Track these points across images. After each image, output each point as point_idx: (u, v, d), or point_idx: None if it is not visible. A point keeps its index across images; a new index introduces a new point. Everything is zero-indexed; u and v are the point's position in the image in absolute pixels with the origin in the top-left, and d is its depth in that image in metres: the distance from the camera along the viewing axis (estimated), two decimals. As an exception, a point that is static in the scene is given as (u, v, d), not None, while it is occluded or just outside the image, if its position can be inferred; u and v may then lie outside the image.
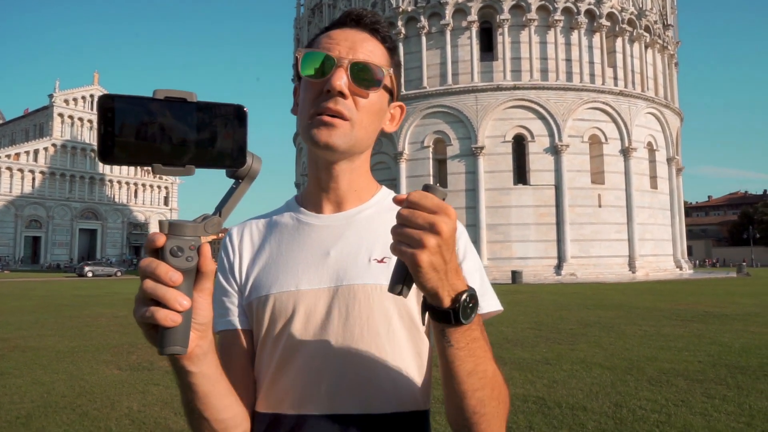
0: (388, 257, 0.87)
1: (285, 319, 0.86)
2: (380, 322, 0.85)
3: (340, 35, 0.88)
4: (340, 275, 0.86)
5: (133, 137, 0.54)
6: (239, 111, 0.58)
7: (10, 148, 65.91)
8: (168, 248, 0.58)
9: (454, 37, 30.69)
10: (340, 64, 0.83)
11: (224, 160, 0.58)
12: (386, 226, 0.89)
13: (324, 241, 0.90)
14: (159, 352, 0.59)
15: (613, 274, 28.80)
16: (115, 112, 0.53)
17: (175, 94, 0.56)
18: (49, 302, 16.73)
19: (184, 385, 0.71)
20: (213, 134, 0.57)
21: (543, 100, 29.54)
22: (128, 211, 74.45)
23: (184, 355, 0.65)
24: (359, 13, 0.90)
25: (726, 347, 7.80)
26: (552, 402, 5.02)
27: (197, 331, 0.65)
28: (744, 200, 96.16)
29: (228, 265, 0.93)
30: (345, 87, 0.83)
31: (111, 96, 0.54)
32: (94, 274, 40.78)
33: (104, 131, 0.53)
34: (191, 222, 0.60)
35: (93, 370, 6.63)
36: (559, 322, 10.81)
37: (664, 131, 33.67)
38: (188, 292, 0.60)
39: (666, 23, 36.51)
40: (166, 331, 0.59)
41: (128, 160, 0.54)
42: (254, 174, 0.63)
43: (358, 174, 0.93)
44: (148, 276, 0.58)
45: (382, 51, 0.89)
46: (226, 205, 0.63)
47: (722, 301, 15.59)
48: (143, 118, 0.54)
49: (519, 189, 29.38)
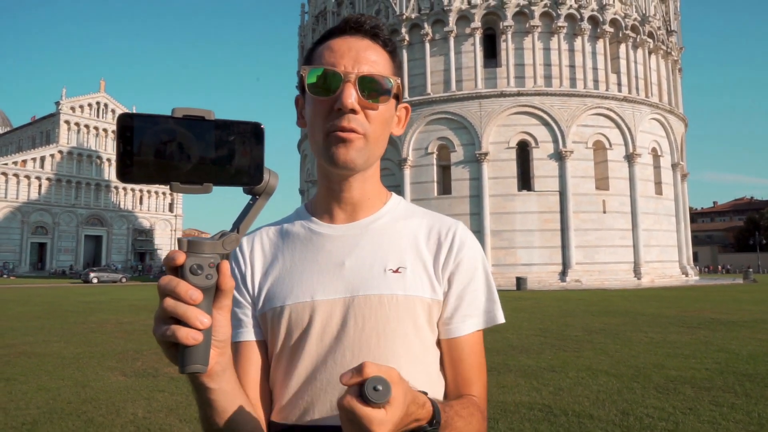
0: (403, 267, 0.87)
1: (301, 330, 0.85)
2: (396, 332, 0.84)
3: (343, 46, 0.86)
4: (355, 285, 0.86)
5: (151, 156, 0.54)
6: (256, 129, 0.59)
7: (17, 155, 66.30)
8: (188, 266, 0.58)
9: (457, 43, 30.78)
10: (347, 79, 0.82)
11: (242, 178, 0.58)
12: (400, 235, 0.91)
13: (338, 252, 0.89)
14: (180, 371, 0.59)
15: (618, 281, 28.68)
16: (134, 131, 0.53)
17: (194, 113, 0.56)
18: (55, 308, 16.78)
19: (203, 401, 0.71)
20: (231, 152, 0.57)
21: (547, 106, 29.54)
22: (133, 217, 74.70)
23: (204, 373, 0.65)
24: (358, 20, 0.89)
25: (733, 354, 7.75)
26: (558, 410, 4.99)
27: (217, 348, 0.65)
28: (750, 206, 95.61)
29: (240, 275, 0.92)
30: (356, 103, 0.82)
31: (130, 115, 0.54)
32: (100, 281, 40.88)
33: (123, 150, 0.53)
34: (209, 239, 0.60)
35: (98, 377, 6.64)
36: (564, 329, 10.75)
37: (669, 137, 33.60)
38: (208, 309, 0.60)
39: (669, 29, 36.51)
40: (186, 349, 0.58)
41: (147, 178, 0.54)
42: (271, 190, 0.63)
43: (370, 183, 0.93)
44: (168, 294, 0.58)
45: (385, 57, 0.89)
46: (243, 222, 0.63)
47: (729, 307, 15.48)
48: (162, 136, 0.54)
49: (523, 195, 29.34)
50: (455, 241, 0.91)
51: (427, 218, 0.94)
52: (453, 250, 0.90)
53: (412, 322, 0.85)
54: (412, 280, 0.87)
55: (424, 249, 0.90)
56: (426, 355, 0.87)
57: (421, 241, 0.91)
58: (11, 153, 70.62)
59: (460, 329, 0.88)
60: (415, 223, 0.93)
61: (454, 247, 0.90)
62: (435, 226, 0.93)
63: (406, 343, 0.85)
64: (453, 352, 0.89)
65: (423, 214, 0.95)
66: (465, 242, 0.91)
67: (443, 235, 0.91)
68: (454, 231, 0.92)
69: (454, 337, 0.88)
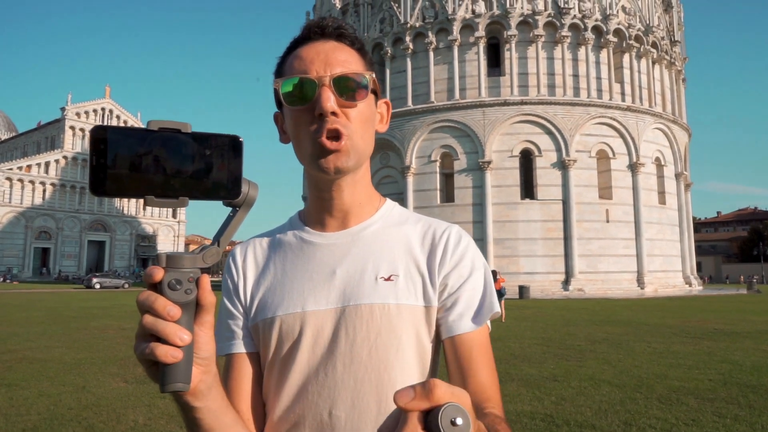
0: (395, 275, 0.85)
1: (291, 342, 0.84)
2: (389, 343, 0.82)
3: (310, 52, 0.85)
4: (346, 295, 0.84)
5: (125, 169, 0.52)
6: (234, 141, 0.58)
7: (22, 160, 66.70)
8: (166, 282, 0.57)
9: (461, 52, 30.92)
10: (322, 83, 0.81)
11: (219, 191, 0.57)
12: (393, 242, 0.88)
13: (329, 260, 0.87)
14: (161, 390, 0.57)
15: (622, 290, 28.57)
16: (107, 144, 0.52)
17: (170, 125, 0.54)
18: (57, 314, 16.79)
19: (189, 420, 0.69)
20: (208, 165, 0.56)
21: (550, 115, 29.59)
22: (137, 223, 74.91)
23: (188, 392, 0.63)
24: (320, 23, 0.87)
25: (737, 365, 7.70)
26: (560, 420, 4.96)
27: (200, 365, 0.63)
28: (754, 216, 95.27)
29: (233, 286, 0.91)
30: (335, 105, 0.80)
31: (104, 127, 0.52)
32: (102, 286, 40.86)
33: (96, 163, 0.52)
34: (189, 253, 0.59)
35: (99, 383, 6.63)
36: (566, 338, 10.71)
37: (672, 147, 33.58)
38: (188, 326, 0.58)
39: (673, 39, 36.61)
40: (167, 367, 0.56)
41: (120, 192, 0.53)
42: (251, 201, 0.62)
43: (360, 186, 0.90)
44: (147, 310, 0.57)
45: (355, 55, 0.87)
46: (224, 235, 0.62)
47: (732, 318, 15.40)
48: (136, 149, 0.53)
49: (526, 204, 29.33)
50: (450, 241, 0.89)
51: (422, 223, 0.93)
52: (449, 250, 0.88)
53: (405, 332, 0.83)
54: (404, 287, 0.85)
55: (418, 253, 0.88)
56: (422, 367, 0.85)
57: (415, 245, 0.89)
58: (16, 158, 71.10)
59: (462, 326, 0.84)
60: (409, 229, 0.91)
61: (450, 247, 0.88)
62: (429, 230, 0.91)
63: (399, 354, 0.83)
64: (458, 351, 0.84)
65: (417, 219, 0.94)
66: (461, 241, 0.89)
67: (437, 237, 0.89)
68: (449, 232, 0.90)
69: (457, 334, 0.84)
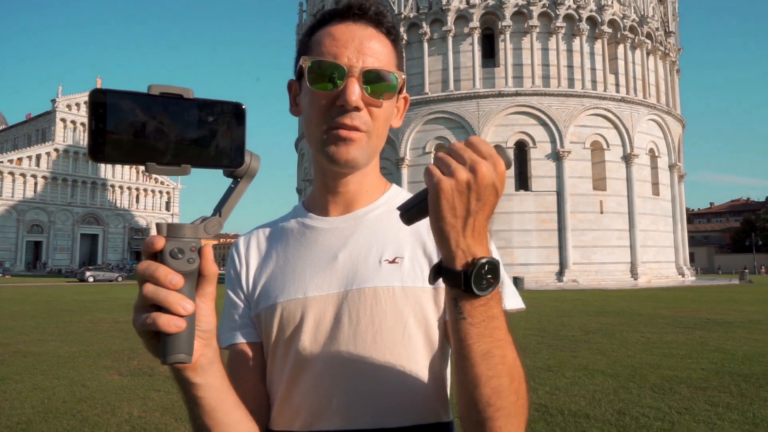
0: (400, 257, 0.82)
1: (293, 329, 0.81)
2: (394, 327, 0.79)
3: (345, 33, 0.81)
4: (349, 279, 0.81)
5: (126, 134, 0.50)
6: (238, 109, 0.56)
7: (13, 153, 66.13)
8: (168, 250, 0.54)
9: (456, 43, 30.79)
10: (351, 74, 0.77)
11: (222, 160, 0.55)
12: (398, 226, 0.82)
13: (331, 245, 0.85)
14: (162, 362, 0.55)
15: (615, 281, 28.73)
16: (107, 108, 0.50)
17: (172, 90, 0.53)
18: (50, 307, 16.72)
19: (190, 399, 0.65)
20: (211, 133, 0.54)
21: (545, 106, 29.58)
22: (130, 216, 74.58)
23: (189, 366, 0.61)
24: (362, 5, 0.83)
25: (729, 355, 7.76)
26: (554, 409, 4.99)
27: (201, 339, 0.60)
28: (746, 207, 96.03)
29: (235, 276, 0.89)
30: (360, 100, 0.77)
31: (103, 91, 0.50)
32: (95, 279, 40.78)
33: (95, 127, 0.50)
34: (191, 223, 0.57)
35: (94, 376, 6.61)
36: (560, 329, 10.76)
37: (666, 138, 33.68)
38: (190, 296, 0.56)
39: (667, 30, 36.60)
40: (168, 338, 0.54)
41: (120, 158, 0.51)
42: (253, 173, 0.60)
43: (369, 177, 0.88)
44: (147, 279, 0.54)
45: (389, 47, 0.83)
46: (225, 205, 0.60)
47: (725, 308, 15.53)
48: (137, 114, 0.51)
49: (521, 195, 29.37)
50: None
51: None
52: None
53: (412, 315, 0.80)
54: (410, 269, 0.82)
55: (424, 234, 0.84)
56: (431, 351, 0.81)
57: (421, 227, 0.83)
58: (7, 151, 70.47)
59: None
60: None
61: None
62: None
63: (405, 338, 0.79)
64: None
65: None
66: None
67: None
68: None
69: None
